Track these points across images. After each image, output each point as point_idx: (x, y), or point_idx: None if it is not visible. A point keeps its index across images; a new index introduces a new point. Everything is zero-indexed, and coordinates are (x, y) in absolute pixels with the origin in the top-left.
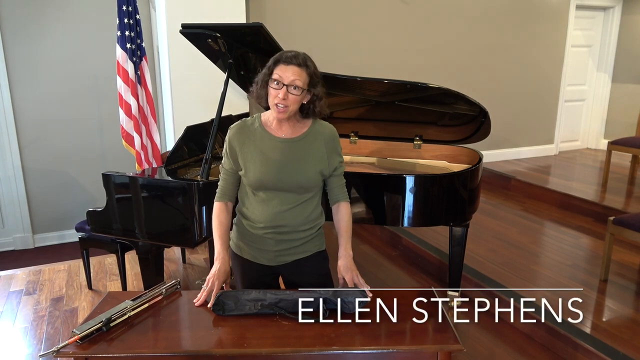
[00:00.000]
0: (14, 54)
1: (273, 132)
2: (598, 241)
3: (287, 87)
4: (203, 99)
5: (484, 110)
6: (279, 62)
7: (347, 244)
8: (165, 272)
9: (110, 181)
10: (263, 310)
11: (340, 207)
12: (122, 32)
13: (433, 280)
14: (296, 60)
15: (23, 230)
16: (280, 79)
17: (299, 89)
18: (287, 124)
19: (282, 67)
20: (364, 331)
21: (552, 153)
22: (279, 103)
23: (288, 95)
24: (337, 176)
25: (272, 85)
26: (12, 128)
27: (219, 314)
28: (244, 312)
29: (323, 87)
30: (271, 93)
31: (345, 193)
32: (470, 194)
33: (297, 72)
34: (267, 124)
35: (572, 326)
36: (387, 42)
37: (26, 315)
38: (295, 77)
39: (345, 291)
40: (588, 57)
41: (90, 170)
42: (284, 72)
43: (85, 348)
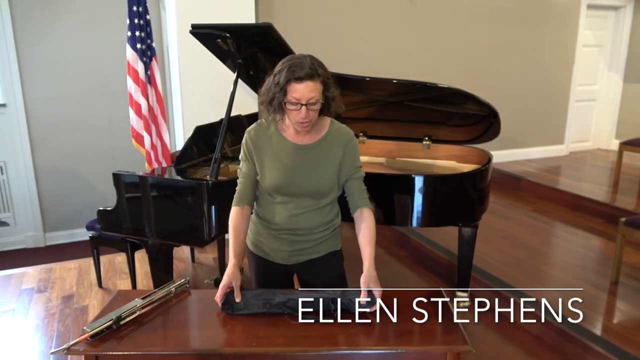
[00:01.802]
0: (27, 54)
1: (289, 137)
2: (609, 242)
3: (306, 105)
4: (212, 99)
5: (494, 111)
6: (291, 82)
7: (371, 263)
8: (175, 271)
9: (121, 180)
10: (271, 310)
11: (362, 215)
12: (133, 33)
13: (442, 280)
14: (307, 72)
15: (34, 229)
16: (298, 100)
17: (317, 102)
18: (303, 131)
19: (295, 87)
20: (373, 331)
21: (562, 153)
22: (301, 122)
23: (308, 112)
24: (356, 179)
25: (290, 106)
26: (24, 128)
27: (227, 313)
28: (252, 312)
29: (335, 86)
30: (290, 114)
31: (366, 199)
32: (479, 194)
33: (312, 88)
34: (282, 128)
35: (582, 328)
36: (395, 42)
37: (37, 312)
38: (312, 95)
39: (354, 292)
40: (599, 57)
41: (101, 169)
42: (299, 91)
43: (96, 346)
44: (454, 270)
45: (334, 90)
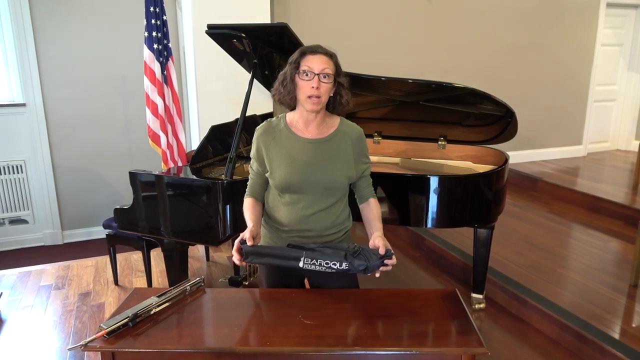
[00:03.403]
0: (46, 55)
1: (299, 132)
2: (628, 245)
3: (319, 75)
4: (228, 99)
5: (511, 111)
6: (306, 54)
7: (380, 229)
8: (190, 270)
9: (137, 179)
10: (285, 252)
11: (369, 203)
12: (150, 33)
13: (457, 282)
14: (322, 49)
15: (53, 227)
16: (310, 69)
17: (329, 76)
18: (313, 124)
19: (309, 58)
20: (387, 332)
21: (580, 154)
22: (312, 94)
23: (320, 84)
24: (365, 177)
25: (302, 77)
26: (43, 127)
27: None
28: (266, 253)
29: (346, 77)
30: (302, 86)
31: (372, 191)
32: (495, 195)
33: (326, 61)
34: (292, 124)
35: (600, 331)
36: (411, 42)
37: (55, 309)
38: (325, 66)
39: (370, 250)
40: (619, 56)
41: (118, 168)
42: (312, 62)
43: (112, 343)
44: (469, 272)
45: (344, 79)
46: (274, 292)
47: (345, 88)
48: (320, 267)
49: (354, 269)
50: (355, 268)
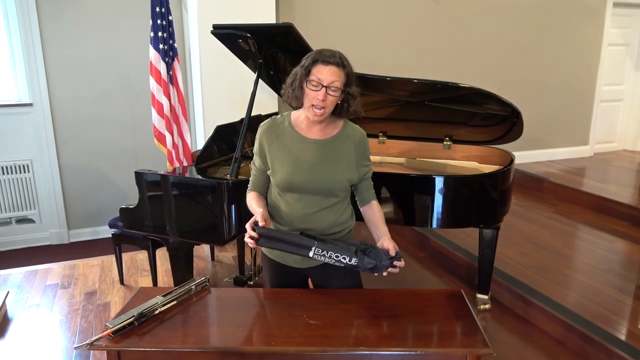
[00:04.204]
0: (52, 55)
1: (303, 132)
2: (634, 245)
3: (326, 88)
4: (233, 99)
5: (517, 111)
6: (317, 62)
7: (387, 232)
8: (195, 269)
9: (143, 179)
10: (297, 240)
11: (372, 205)
12: (155, 33)
13: (462, 282)
14: (334, 60)
15: (59, 226)
16: (320, 80)
17: (337, 90)
18: (318, 125)
19: (320, 68)
20: (391, 332)
21: (586, 154)
22: (317, 105)
23: (327, 96)
24: (366, 179)
25: (311, 86)
26: (49, 127)
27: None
28: (279, 237)
29: (357, 86)
30: (309, 94)
31: (373, 193)
32: (501, 195)
33: (336, 73)
34: (296, 123)
35: (606, 332)
36: (417, 42)
37: (61, 308)
38: (334, 78)
39: (381, 250)
40: (625, 56)
41: (123, 168)
42: (322, 72)
43: (118, 342)
44: (475, 272)
45: (355, 89)
46: (278, 292)
47: (354, 98)
48: (329, 260)
49: (363, 266)
50: (364, 265)
